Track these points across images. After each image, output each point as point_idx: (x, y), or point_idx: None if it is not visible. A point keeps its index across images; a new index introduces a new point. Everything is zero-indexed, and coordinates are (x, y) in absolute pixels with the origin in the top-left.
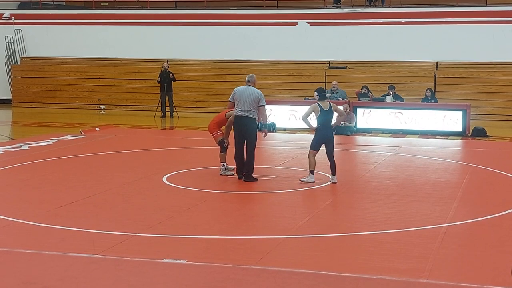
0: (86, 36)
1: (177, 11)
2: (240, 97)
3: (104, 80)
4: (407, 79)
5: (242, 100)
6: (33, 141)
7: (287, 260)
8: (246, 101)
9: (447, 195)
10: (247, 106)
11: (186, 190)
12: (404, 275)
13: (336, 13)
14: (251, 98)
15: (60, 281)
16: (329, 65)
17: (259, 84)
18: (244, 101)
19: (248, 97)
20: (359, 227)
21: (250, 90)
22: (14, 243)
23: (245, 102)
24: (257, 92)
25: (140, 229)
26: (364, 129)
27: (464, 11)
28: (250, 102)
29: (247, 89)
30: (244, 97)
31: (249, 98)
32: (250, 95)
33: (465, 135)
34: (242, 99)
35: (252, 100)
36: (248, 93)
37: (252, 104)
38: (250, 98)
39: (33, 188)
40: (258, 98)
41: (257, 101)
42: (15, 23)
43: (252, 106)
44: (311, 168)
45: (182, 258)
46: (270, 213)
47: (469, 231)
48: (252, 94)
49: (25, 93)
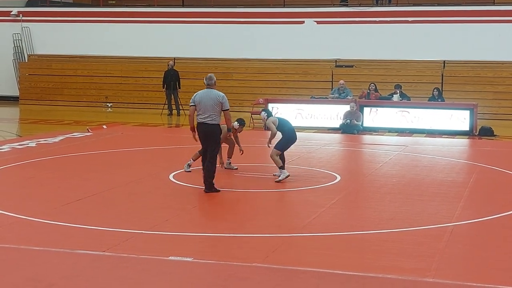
0: (93, 34)
1: (184, 9)
2: (200, 102)
3: (111, 78)
4: (414, 78)
5: (203, 105)
6: (40, 138)
7: (292, 259)
8: (208, 106)
9: (453, 194)
10: (209, 112)
11: (193, 188)
12: (410, 274)
13: (343, 11)
14: (212, 102)
15: (65, 278)
16: (336, 63)
17: (265, 82)
18: (205, 107)
19: (209, 102)
20: (365, 226)
21: (211, 93)
22: (20, 240)
23: (206, 107)
24: (219, 95)
25: (146, 226)
26: (371, 128)
27: (472, 10)
28: (212, 107)
29: (208, 93)
30: (205, 102)
31: (211, 103)
32: (211, 99)
33: (472, 134)
34: (203, 104)
35: (213, 105)
36: (208, 97)
37: (214, 109)
38: (211, 102)
39: (39, 185)
40: (220, 102)
41: (220, 105)
42: (22, 20)
43: (214, 111)
44: (279, 165)
45: (188, 255)
46: (276, 211)
47: (475, 231)
48: (213, 97)
49: (32, 91)
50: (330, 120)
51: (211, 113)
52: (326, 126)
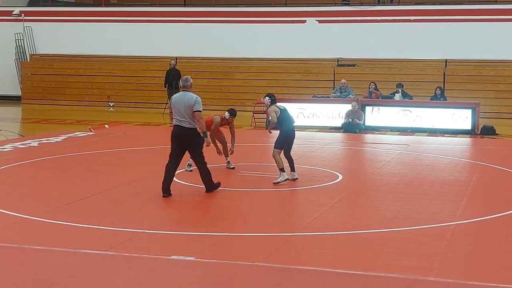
0: (95, 33)
1: (186, 9)
2: (175, 105)
3: (113, 78)
4: (416, 77)
5: (177, 109)
6: (43, 138)
7: (294, 258)
8: (181, 109)
9: (455, 193)
10: (183, 115)
11: (194, 187)
12: (412, 273)
13: (345, 10)
14: (186, 105)
15: (68, 278)
16: (338, 62)
17: (267, 81)
18: (179, 110)
19: (183, 104)
20: (367, 225)
21: (185, 96)
22: (23, 239)
23: (180, 111)
24: (192, 98)
25: (148, 226)
26: (373, 127)
27: (473, 8)
28: (186, 110)
29: (182, 96)
30: (179, 105)
31: (184, 105)
32: (185, 101)
33: (474, 133)
34: (177, 108)
35: (186, 107)
36: (182, 99)
37: (187, 112)
38: (185, 105)
39: (42, 184)
40: (192, 104)
41: (192, 108)
42: (24, 20)
43: (189, 114)
44: (280, 167)
45: (190, 255)
46: (278, 210)
47: (477, 230)
48: (186, 100)
49: (34, 90)
50: (332, 119)
51: (186, 117)
52: (328, 125)
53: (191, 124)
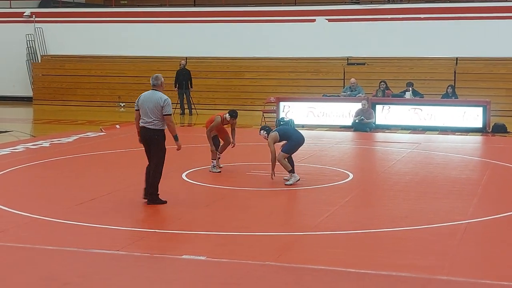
0: (106, 34)
1: (196, 9)
2: (142, 105)
3: (124, 78)
4: (426, 75)
5: (144, 109)
6: (54, 138)
7: (306, 257)
8: (149, 109)
9: (467, 192)
10: (150, 116)
11: (205, 187)
12: (423, 272)
13: (355, 9)
14: (153, 105)
15: (80, 278)
16: (348, 61)
17: (277, 81)
18: (146, 110)
19: (151, 104)
20: (378, 224)
21: (154, 95)
22: (35, 239)
23: (147, 111)
24: (161, 98)
25: (159, 225)
26: (383, 126)
27: (484, 6)
28: (153, 110)
29: (151, 95)
30: (147, 105)
31: (152, 105)
32: (153, 101)
33: (485, 131)
34: (144, 107)
35: (154, 108)
36: (150, 99)
37: (155, 113)
38: (152, 105)
39: (54, 185)
40: (161, 106)
41: (160, 109)
42: (35, 21)
43: (156, 115)
44: (289, 169)
45: (201, 254)
46: (289, 210)
47: (489, 228)
48: (155, 100)
49: (46, 91)
50: (342, 118)
51: (153, 118)
52: (338, 124)
53: (156, 125)
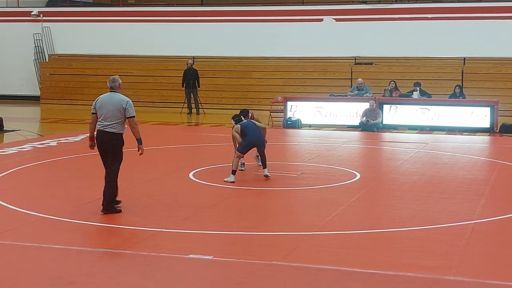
0: (113, 33)
1: (203, 8)
2: (101, 108)
3: (131, 77)
4: (434, 75)
5: (104, 111)
6: (61, 137)
7: (312, 257)
8: (109, 112)
9: (474, 192)
10: (110, 119)
11: (212, 187)
12: (431, 272)
13: (362, 8)
14: (114, 108)
15: (88, 276)
16: (355, 61)
17: (284, 80)
18: (106, 113)
19: (112, 107)
20: (385, 224)
21: (114, 97)
22: (42, 238)
23: (107, 114)
24: (122, 100)
25: (166, 225)
26: (391, 126)
27: (492, 6)
28: (114, 113)
29: (110, 97)
30: (106, 108)
31: (112, 108)
32: (113, 104)
33: (492, 131)
34: (104, 110)
35: (115, 110)
36: (110, 102)
37: (116, 116)
38: (113, 108)
39: (61, 184)
40: (123, 108)
41: (123, 111)
42: (43, 20)
43: (116, 118)
44: (232, 168)
45: (208, 254)
46: (296, 209)
47: (496, 228)
48: (115, 102)
49: (53, 90)
50: (349, 118)
51: (113, 121)
52: (346, 124)
53: (116, 129)
